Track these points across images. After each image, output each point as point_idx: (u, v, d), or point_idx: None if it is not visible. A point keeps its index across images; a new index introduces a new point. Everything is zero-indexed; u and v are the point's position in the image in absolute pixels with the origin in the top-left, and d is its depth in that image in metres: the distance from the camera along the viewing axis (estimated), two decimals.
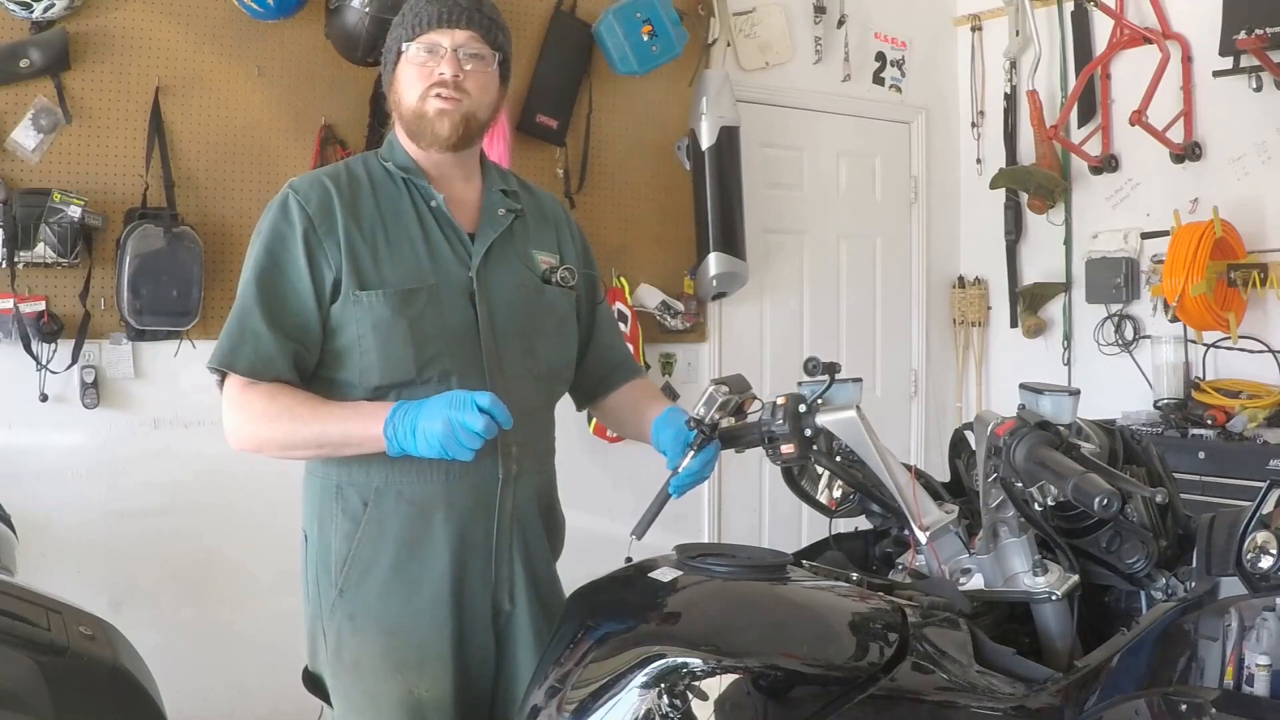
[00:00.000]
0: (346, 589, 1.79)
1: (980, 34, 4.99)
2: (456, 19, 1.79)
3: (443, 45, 1.79)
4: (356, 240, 1.76)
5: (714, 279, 4.20)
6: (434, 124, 1.80)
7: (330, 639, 1.81)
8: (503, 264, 1.86)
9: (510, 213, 1.91)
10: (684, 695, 1.37)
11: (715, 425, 1.75)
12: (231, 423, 1.77)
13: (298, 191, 1.79)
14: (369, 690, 1.79)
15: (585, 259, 2.03)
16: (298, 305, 1.74)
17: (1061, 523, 1.71)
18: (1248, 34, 3.86)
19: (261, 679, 3.44)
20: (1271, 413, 3.89)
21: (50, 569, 3.01)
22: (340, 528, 1.80)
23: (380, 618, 1.78)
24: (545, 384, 1.91)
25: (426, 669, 1.78)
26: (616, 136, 4.16)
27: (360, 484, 1.78)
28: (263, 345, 1.72)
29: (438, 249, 1.81)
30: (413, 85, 1.81)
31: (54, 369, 3.20)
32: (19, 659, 1.54)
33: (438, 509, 1.78)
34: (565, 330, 1.94)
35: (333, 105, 3.60)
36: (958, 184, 5.14)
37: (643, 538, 1.74)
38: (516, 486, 1.83)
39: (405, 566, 1.78)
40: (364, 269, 1.75)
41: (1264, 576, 1.56)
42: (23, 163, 3.20)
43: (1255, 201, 4.07)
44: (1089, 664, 1.51)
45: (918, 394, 5.07)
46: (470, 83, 1.80)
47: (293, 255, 1.75)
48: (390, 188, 1.84)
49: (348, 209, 1.78)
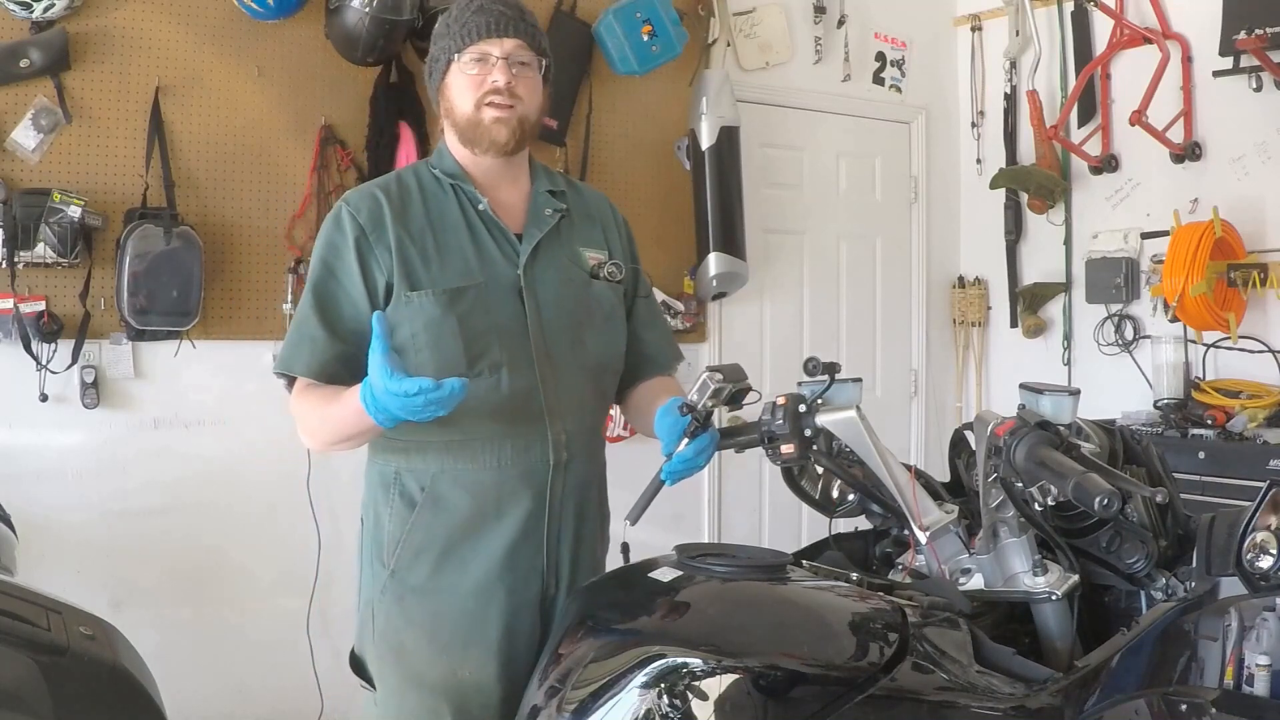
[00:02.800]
0: (398, 570, 1.86)
1: (980, 34, 4.99)
2: (504, 28, 1.86)
3: (493, 54, 1.86)
4: (406, 245, 1.85)
5: (714, 279, 4.20)
6: (490, 131, 1.87)
7: (379, 620, 1.88)
8: (550, 261, 1.93)
9: (556, 212, 1.97)
10: (684, 695, 1.37)
11: (709, 413, 1.75)
12: (299, 428, 1.88)
13: (349, 204, 1.89)
14: (412, 671, 1.84)
15: (631, 254, 2.10)
16: (351, 310, 1.83)
17: (1061, 523, 1.71)
18: (1248, 34, 3.86)
19: (261, 679, 3.45)
20: (1271, 413, 3.88)
21: (50, 569, 3.01)
22: (396, 512, 1.87)
23: (429, 600, 1.85)
24: (594, 374, 1.97)
25: (471, 652, 1.84)
26: (616, 136, 4.16)
27: (417, 470, 1.86)
28: (318, 348, 1.83)
29: (485, 249, 1.89)
30: (465, 94, 1.88)
31: (54, 369, 3.20)
32: (19, 659, 1.54)
33: (490, 495, 1.85)
34: (613, 323, 2.00)
35: (333, 105, 3.60)
36: (958, 184, 5.14)
37: (635, 523, 1.76)
38: (566, 473, 1.89)
39: (456, 550, 1.85)
40: (414, 272, 1.83)
41: (1264, 576, 1.56)
42: (23, 163, 3.20)
43: (1255, 201, 4.06)
44: (1089, 664, 1.51)
45: (918, 394, 5.07)
46: (521, 88, 1.88)
47: (346, 263, 1.84)
48: (439, 194, 1.92)
49: (397, 216, 1.86)
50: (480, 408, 1.81)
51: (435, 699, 1.83)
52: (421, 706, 1.84)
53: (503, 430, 1.85)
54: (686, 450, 1.75)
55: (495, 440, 1.85)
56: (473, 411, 1.79)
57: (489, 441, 1.85)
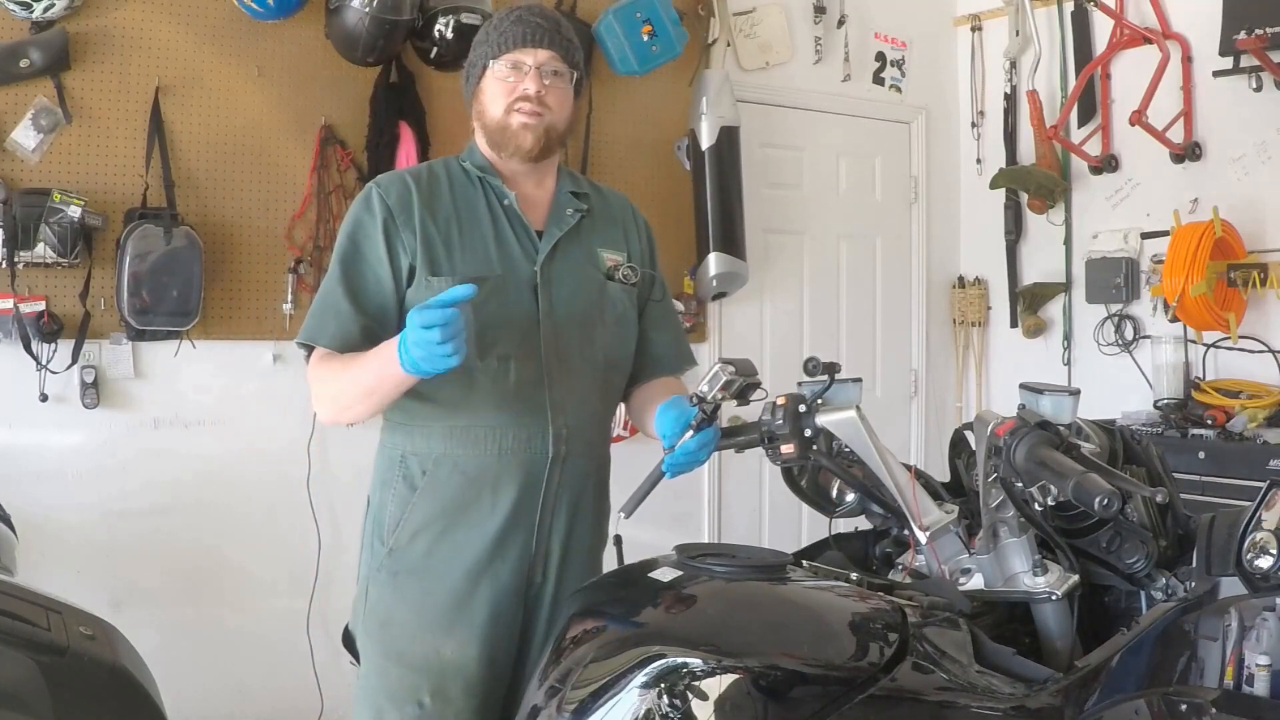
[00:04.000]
0: (395, 549, 1.93)
1: (980, 34, 4.99)
2: (539, 39, 1.93)
3: (526, 63, 1.93)
4: (431, 231, 1.91)
5: (714, 279, 4.20)
6: (518, 136, 1.94)
7: (371, 596, 1.96)
8: (568, 260, 1.99)
9: (577, 212, 2.03)
10: (684, 695, 1.37)
11: (718, 405, 1.75)
12: (313, 396, 1.91)
13: (380, 185, 1.95)
14: (395, 647, 1.92)
15: (649, 258, 2.14)
16: (376, 286, 1.89)
17: (1061, 523, 1.71)
18: (1248, 34, 3.86)
19: (261, 679, 3.45)
20: (1271, 413, 3.88)
21: (50, 569, 3.01)
22: (398, 493, 1.94)
23: (421, 579, 1.91)
24: (601, 373, 2.01)
25: (455, 632, 1.90)
26: (616, 136, 4.16)
27: (421, 453, 1.93)
28: (343, 320, 1.87)
29: (506, 243, 1.95)
30: (497, 100, 1.95)
31: (54, 369, 3.20)
32: (19, 659, 1.54)
33: (488, 480, 1.91)
34: (624, 324, 2.05)
35: (333, 105, 3.60)
36: (958, 184, 5.14)
37: (630, 516, 1.77)
38: (564, 467, 1.94)
39: (452, 532, 1.91)
40: (436, 258, 1.90)
41: (1264, 576, 1.56)
42: (23, 163, 3.20)
43: (1255, 201, 4.06)
44: (1089, 664, 1.51)
45: (918, 394, 5.07)
46: (551, 98, 1.94)
47: (373, 241, 1.90)
48: (467, 186, 1.99)
49: (425, 203, 1.93)
50: (487, 396, 1.89)
51: (416, 675, 1.90)
52: (401, 682, 1.90)
53: (506, 419, 1.90)
54: (689, 443, 1.76)
55: (498, 429, 1.90)
56: (479, 399, 1.88)
57: (492, 429, 1.90)
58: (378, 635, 1.94)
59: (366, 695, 1.95)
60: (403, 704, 1.90)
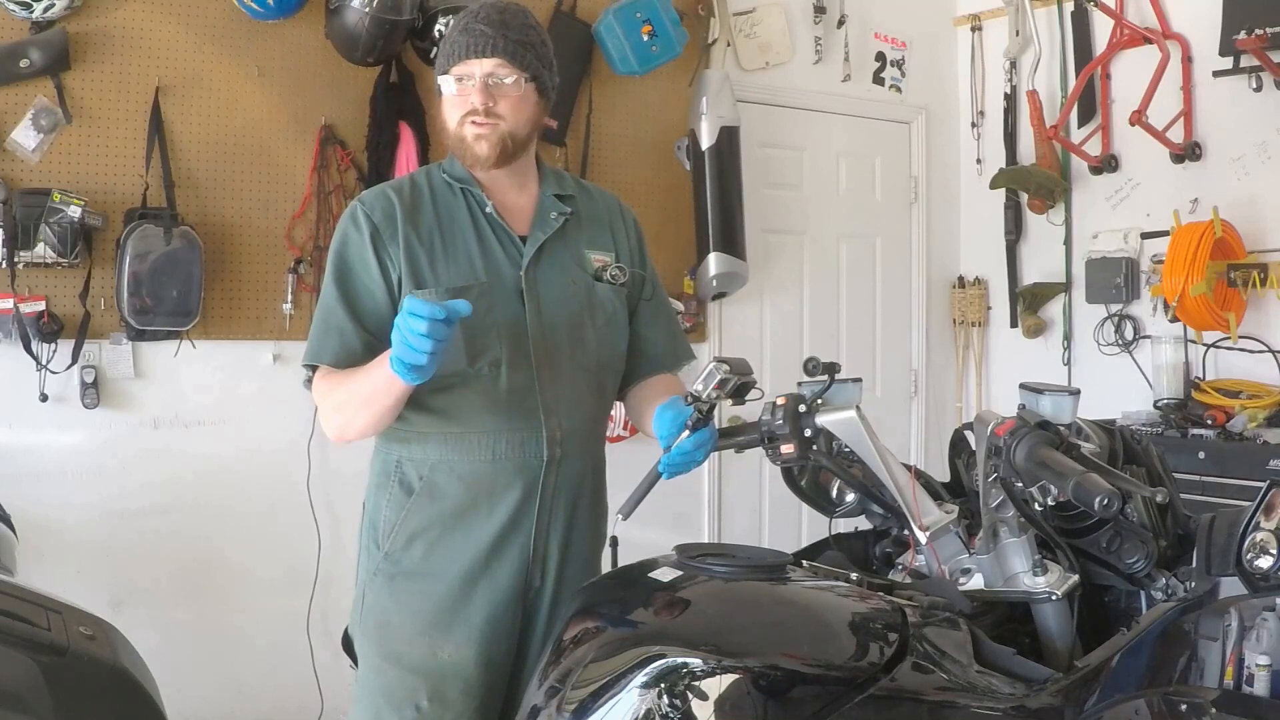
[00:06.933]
0: (392, 553, 1.94)
1: (980, 34, 4.99)
2: (483, 49, 1.90)
3: (472, 74, 1.91)
4: (414, 244, 1.92)
5: (714, 279, 4.20)
6: (473, 148, 1.93)
7: (368, 599, 1.96)
8: (554, 263, 1.99)
9: (561, 215, 2.02)
10: (684, 695, 1.37)
11: (713, 404, 1.75)
12: (320, 415, 1.93)
13: (364, 203, 1.96)
14: (393, 649, 1.92)
15: (639, 256, 2.13)
16: (371, 301, 1.91)
17: (1061, 523, 1.71)
18: (1248, 34, 3.86)
19: (261, 679, 3.45)
20: (1271, 413, 3.88)
21: (50, 569, 3.01)
22: (394, 498, 1.95)
23: (418, 581, 1.92)
24: (594, 374, 2.01)
25: (453, 634, 1.90)
26: (616, 136, 4.16)
27: (417, 460, 1.94)
28: (347, 337, 1.89)
29: (490, 251, 1.95)
30: (452, 113, 1.94)
31: (54, 369, 3.20)
32: (19, 659, 1.54)
33: (484, 486, 1.91)
34: (615, 324, 2.04)
35: (333, 105, 3.60)
36: (958, 184, 5.14)
37: (628, 517, 1.77)
38: (560, 469, 1.94)
39: (449, 536, 1.91)
40: (420, 270, 1.91)
41: (1264, 576, 1.56)
42: (23, 163, 3.20)
43: (1255, 201, 4.06)
44: (1089, 664, 1.51)
45: (918, 394, 5.07)
46: (502, 106, 1.92)
47: (364, 258, 1.91)
48: (449, 197, 1.99)
49: (408, 216, 1.94)
50: (479, 402, 1.89)
51: (414, 678, 1.90)
52: (400, 684, 1.90)
53: (499, 425, 1.90)
54: (686, 443, 1.76)
55: (492, 434, 1.91)
56: (472, 406, 1.89)
57: (486, 435, 1.91)
58: (375, 638, 1.94)
59: (365, 698, 1.95)
60: (401, 706, 1.90)
